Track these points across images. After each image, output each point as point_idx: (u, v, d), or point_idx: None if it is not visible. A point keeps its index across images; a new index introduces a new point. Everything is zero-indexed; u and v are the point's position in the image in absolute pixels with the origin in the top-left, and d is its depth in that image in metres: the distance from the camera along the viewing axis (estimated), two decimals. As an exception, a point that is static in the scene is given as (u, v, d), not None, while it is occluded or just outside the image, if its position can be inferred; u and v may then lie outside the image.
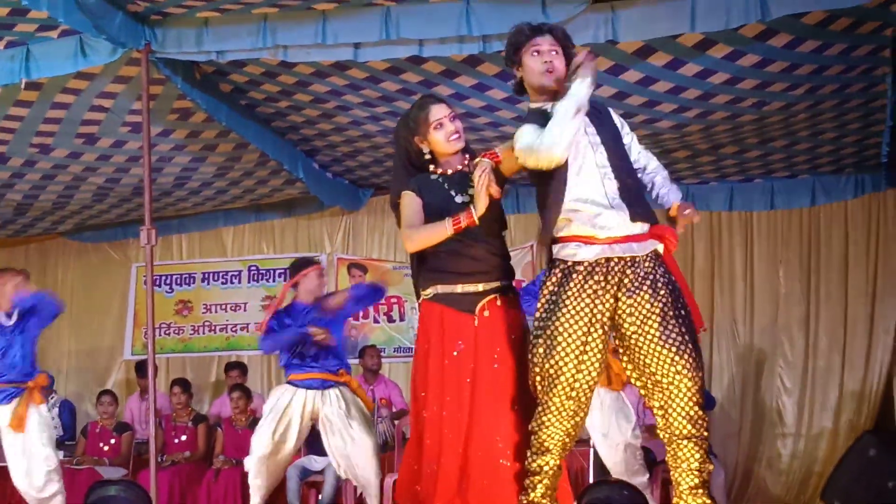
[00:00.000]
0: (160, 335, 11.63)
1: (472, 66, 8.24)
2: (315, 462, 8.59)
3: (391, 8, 7.49)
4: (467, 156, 5.50)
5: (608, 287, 4.73)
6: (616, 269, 4.74)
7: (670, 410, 4.77)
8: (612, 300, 4.78)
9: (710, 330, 10.88)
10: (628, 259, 4.77)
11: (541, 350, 4.86)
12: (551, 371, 4.78)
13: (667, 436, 4.79)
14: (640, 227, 4.80)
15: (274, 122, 9.60)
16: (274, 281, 12.03)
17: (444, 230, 4.99)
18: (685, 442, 4.71)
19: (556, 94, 4.96)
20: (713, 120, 9.15)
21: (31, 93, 8.49)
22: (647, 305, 4.70)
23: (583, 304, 4.72)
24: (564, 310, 4.81)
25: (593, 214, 4.79)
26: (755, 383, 10.74)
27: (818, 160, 10.30)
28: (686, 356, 4.69)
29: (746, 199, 10.95)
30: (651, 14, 7.35)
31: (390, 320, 11.55)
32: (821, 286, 10.71)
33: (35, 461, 7.57)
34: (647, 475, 7.48)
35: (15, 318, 7.93)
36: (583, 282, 4.77)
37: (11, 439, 7.66)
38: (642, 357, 4.76)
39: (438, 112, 5.38)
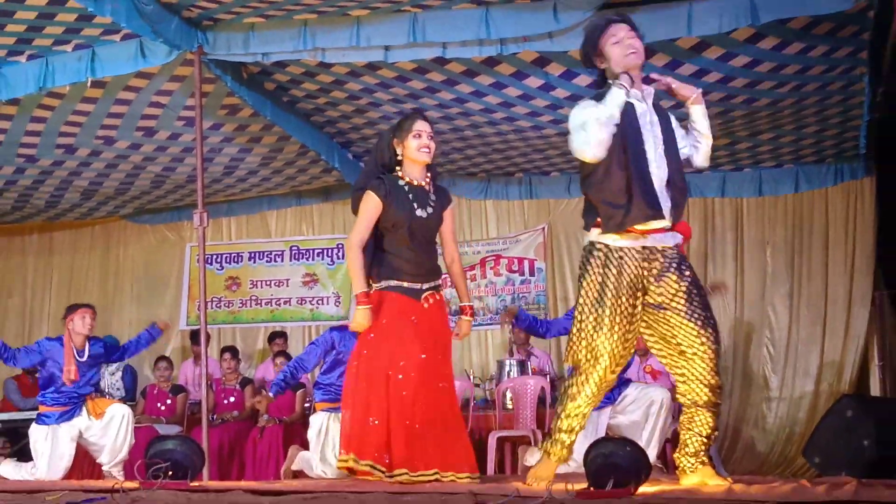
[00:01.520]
0: (212, 308, 11.67)
1: (491, 67, 8.30)
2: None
3: (417, 14, 7.55)
4: (429, 174, 5.79)
5: (643, 271, 4.82)
6: (650, 255, 4.84)
7: (692, 378, 4.87)
8: (645, 282, 4.86)
9: (703, 305, 10.94)
10: (660, 248, 4.87)
11: (590, 325, 4.89)
12: (599, 344, 4.83)
13: (687, 401, 4.91)
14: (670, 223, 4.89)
15: (313, 117, 9.66)
16: (313, 259, 12.10)
17: (358, 287, 5.57)
18: (702, 410, 4.84)
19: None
20: (708, 113, 9.16)
21: (96, 90, 8.58)
22: (675, 286, 4.81)
23: (627, 285, 4.79)
24: (612, 288, 4.84)
25: None
26: (744, 352, 10.78)
27: (802, 151, 10.32)
28: (708, 330, 4.84)
29: (737, 186, 10.98)
30: (652, 19, 7.37)
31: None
32: (803, 265, 10.74)
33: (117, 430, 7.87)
34: None
35: (86, 356, 8.07)
36: (625, 265, 4.82)
37: (95, 429, 7.89)
38: (670, 329, 4.87)
39: (421, 126, 5.65)
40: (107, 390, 9.40)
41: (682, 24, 7.26)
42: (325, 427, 7.55)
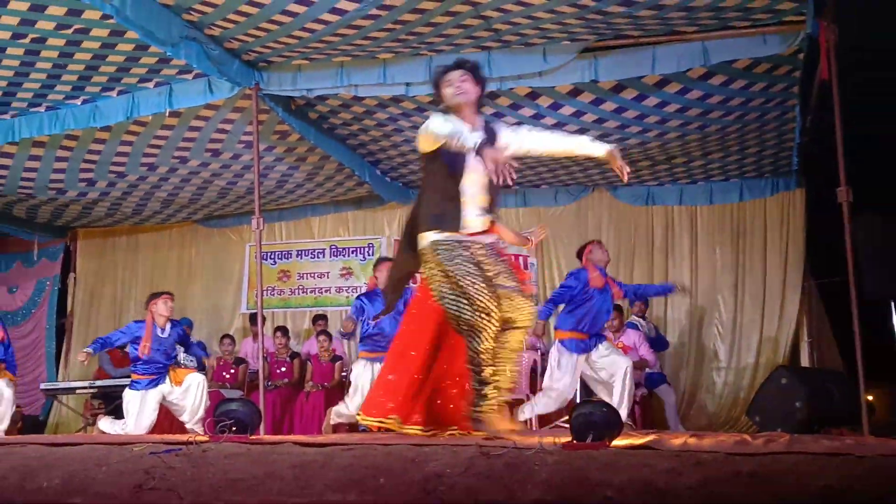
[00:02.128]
0: (267, 295, 11.74)
1: (492, 100, 8.32)
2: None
3: (432, 56, 7.63)
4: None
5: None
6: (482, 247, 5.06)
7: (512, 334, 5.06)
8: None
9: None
10: (488, 243, 5.14)
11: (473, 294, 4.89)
12: (486, 306, 4.82)
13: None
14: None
15: (347, 141, 9.67)
16: (348, 256, 12.10)
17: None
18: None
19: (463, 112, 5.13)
20: (668, 138, 9.19)
21: (173, 119, 8.62)
22: (499, 268, 5.03)
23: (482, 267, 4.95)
24: (479, 270, 4.92)
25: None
26: (698, 331, 10.77)
27: (745, 167, 10.31)
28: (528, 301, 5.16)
29: (692, 196, 10.97)
30: (622, 61, 7.44)
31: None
32: (746, 261, 10.73)
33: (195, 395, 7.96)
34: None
35: (167, 333, 8.13)
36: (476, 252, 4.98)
37: (176, 394, 7.99)
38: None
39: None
40: (182, 362, 9.41)
41: (647, 64, 7.33)
42: (365, 369, 7.78)
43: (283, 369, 10.68)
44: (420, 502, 3.45)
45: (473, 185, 4.99)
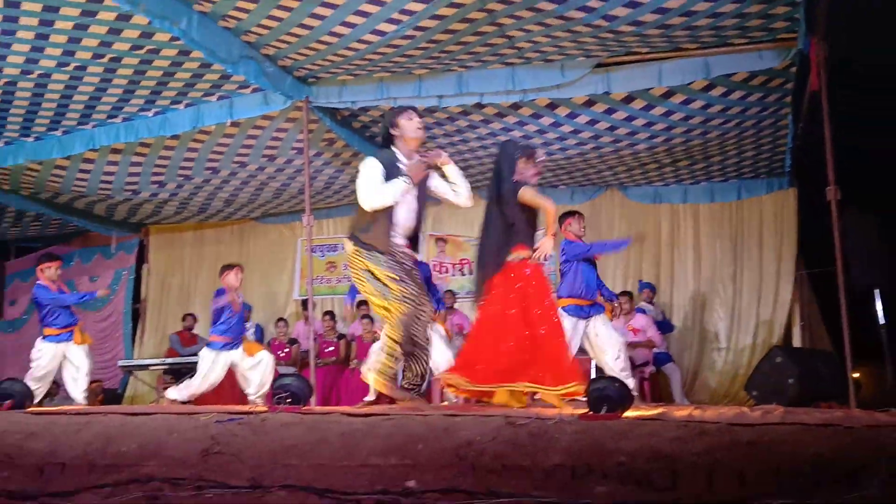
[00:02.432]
0: (316, 283, 11.75)
1: (515, 110, 8.34)
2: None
3: (462, 73, 7.65)
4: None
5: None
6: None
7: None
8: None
9: (671, 281, 10.91)
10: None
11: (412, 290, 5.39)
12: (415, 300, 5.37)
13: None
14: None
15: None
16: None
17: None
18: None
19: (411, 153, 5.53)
20: (673, 143, 9.13)
21: (233, 129, 8.71)
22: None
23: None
24: (406, 273, 5.43)
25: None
26: (701, 316, 10.70)
27: (742, 169, 10.22)
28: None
29: (695, 195, 10.91)
30: (632, 75, 7.44)
31: (462, 274, 11.59)
32: (744, 252, 10.65)
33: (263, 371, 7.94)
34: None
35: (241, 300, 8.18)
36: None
37: (247, 364, 7.95)
38: None
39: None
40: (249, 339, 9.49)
41: (654, 77, 7.33)
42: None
43: (331, 349, 10.74)
44: (453, 466, 3.46)
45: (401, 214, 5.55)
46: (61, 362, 8.21)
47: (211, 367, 7.88)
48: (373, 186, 5.39)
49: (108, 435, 4.20)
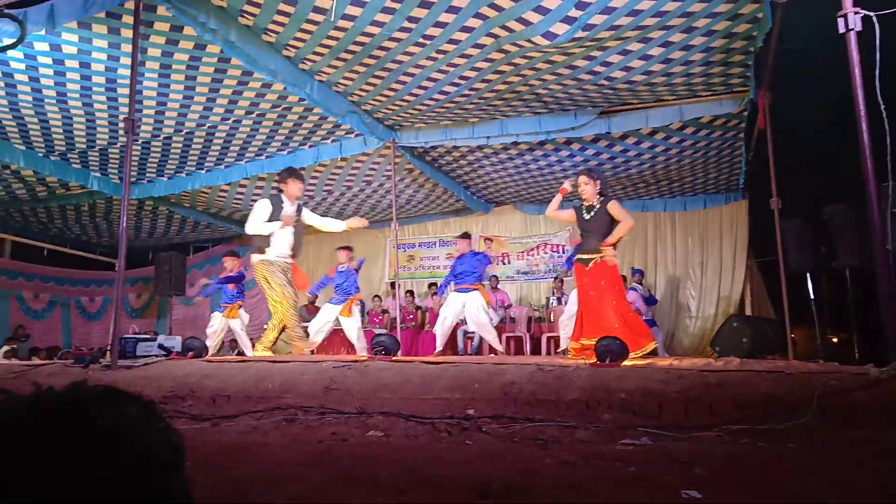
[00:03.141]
0: (400, 270, 11.83)
1: (541, 146, 8.24)
2: (468, 326, 8.62)
3: (503, 120, 7.61)
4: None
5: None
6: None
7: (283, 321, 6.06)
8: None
9: (655, 268, 10.72)
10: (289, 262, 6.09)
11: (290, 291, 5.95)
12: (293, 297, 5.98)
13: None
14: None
15: (450, 173, 9.69)
16: (450, 246, 12.08)
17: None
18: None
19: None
20: (656, 168, 8.97)
21: (343, 162, 8.78)
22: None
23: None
24: (287, 280, 6.00)
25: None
26: (677, 293, 10.50)
27: (707, 186, 9.98)
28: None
29: (672, 205, 10.66)
30: (626, 119, 7.37)
31: (503, 263, 11.55)
32: (709, 247, 10.41)
33: (355, 329, 7.92)
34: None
35: (353, 268, 8.17)
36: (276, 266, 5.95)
37: (347, 322, 7.94)
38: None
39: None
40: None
41: (642, 121, 7.26)
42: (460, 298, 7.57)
43: (411, 316, 10.77)
44: (500, 399, 3.47)
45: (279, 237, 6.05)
46: (227, 326, 8.33)
47: (322, 314, 7.97)
48: (257, 220, 5.95)
49: (259, 376, 4.29)
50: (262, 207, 6.02)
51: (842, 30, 3.58)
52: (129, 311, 13.75)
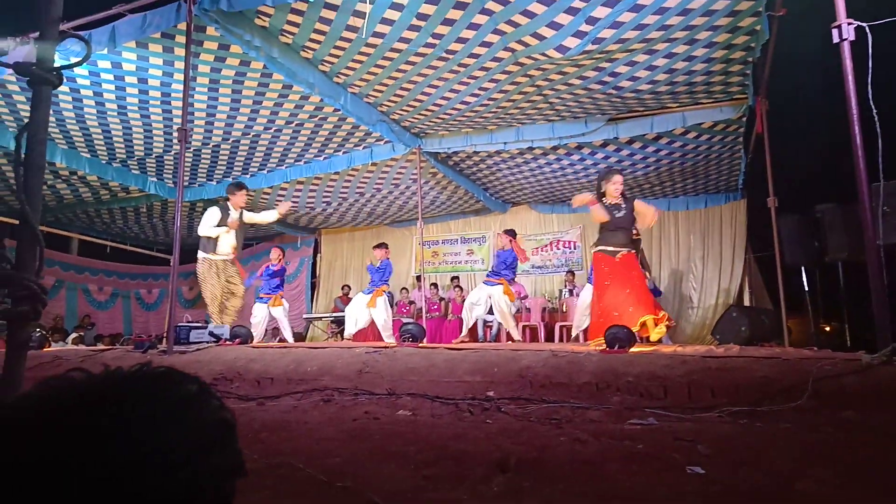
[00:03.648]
0: (426, 265, 11.85)
1: (554, 150, 8.18)
2: (489, 316, 8.59)
3: (520, 127, 7.56)
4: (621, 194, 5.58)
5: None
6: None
7: (231, 311, 6.75)
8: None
9: (660, 263, 10.59)
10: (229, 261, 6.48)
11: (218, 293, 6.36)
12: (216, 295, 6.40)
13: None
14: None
15: (470, 176, 9.65)
16: (470, 243, 12.11)
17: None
18: None
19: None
20: (661, 170, 8.86)
21: (373, 167, 8.77)
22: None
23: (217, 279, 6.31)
24: (217, 279, 6.45)
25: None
26: (680, 285, 10.37)
27: (708, 186, 9.83)
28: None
29: (675, 205, 10.49)
30: (633, 125, 7.28)
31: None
32: (709, 243, 10.23)
33: (381, 318, 7.88)
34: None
35: (379, 265, 8.16)
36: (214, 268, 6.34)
37: (372, 311, 7.88)
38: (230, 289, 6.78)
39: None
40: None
41: (648, 126, 7.14)
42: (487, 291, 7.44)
43: (435, 307, 10.78)
44: (517, 382, 3.46)
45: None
46: (269, 315, 8.39)
47: (355, 302, 7.85)
48: (207, 225, 6.47)
49: (298, 360, 4.33)
50: (212, 214, 6.63)
51: (836, 40, 3.51)
52: (182, 302, 13.94)
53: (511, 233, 7.53)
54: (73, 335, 11.04)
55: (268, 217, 7.04)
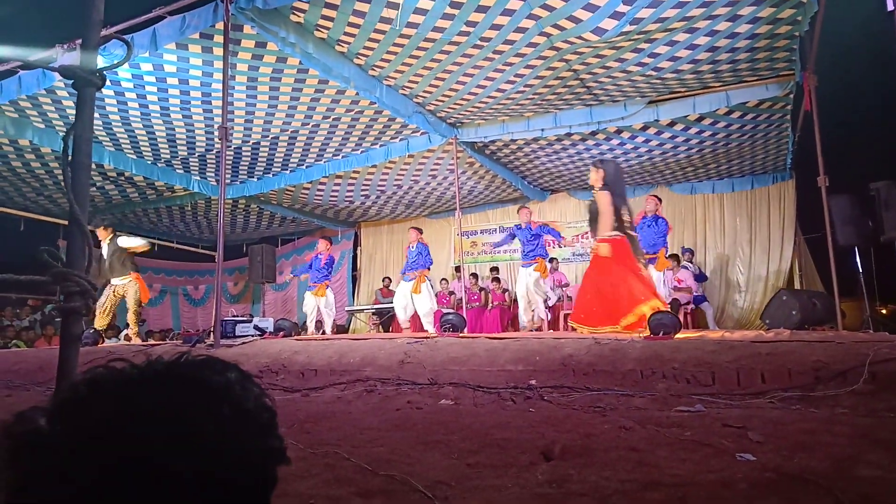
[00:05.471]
0: (465, 256, 11.81)
1: (593, 135, 8.06)
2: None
3: (557, 113, 7.45)
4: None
5: None
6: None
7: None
8: None
9: (705, 247, 10.35)
10: None
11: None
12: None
13: None
14: None
15: (507, 165, 9.58)
16: (504, 231, 12.01)
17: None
18: None
19: None
20: (704, 152, 8.64)
21: (410, 158, 8.79)
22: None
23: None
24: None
25: None
26: (726, 269, 10.12)
27: (755, 167, 9.54)
28: None
29: (721, 187, 10.21)
30: (674, 107, 7.13)
31: (560, 246, 11.38)
32: (756, 225, 9.96)
33: (425, 306, 7.90)
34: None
35: (416, 250, 8.19)
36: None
37: (416, 298, 7.89)
38: None
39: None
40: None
41: (690, 108, 6.97)
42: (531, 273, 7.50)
43: (475, 297, 10.77)
44: (560, 370, 3.43)
45: None
46: (317, 305, 8.47)
47: (400, 289, 7.97)
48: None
49: (341, 352, 4.38)
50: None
51: (891, 7, 3.35)
52: (228, 297, 14.28)
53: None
54: (125, 331, 11.43)
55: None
